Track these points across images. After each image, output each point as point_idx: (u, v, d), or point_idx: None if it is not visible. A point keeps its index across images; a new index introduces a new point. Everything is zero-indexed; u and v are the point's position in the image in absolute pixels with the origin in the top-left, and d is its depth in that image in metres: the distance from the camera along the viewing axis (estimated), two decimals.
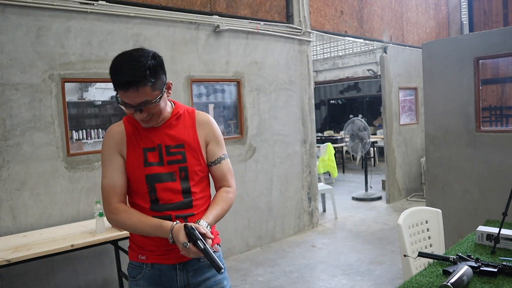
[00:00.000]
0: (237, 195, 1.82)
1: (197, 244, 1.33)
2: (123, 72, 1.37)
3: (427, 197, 4.07)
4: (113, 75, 1.41)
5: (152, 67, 1.38)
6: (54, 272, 3.31)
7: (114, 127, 1.55)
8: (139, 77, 1.36)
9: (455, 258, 1.76)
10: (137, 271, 1.54)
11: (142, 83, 1.37)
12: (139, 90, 1.37)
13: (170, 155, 1.51)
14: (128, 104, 1.40)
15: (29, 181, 3.20)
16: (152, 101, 1.41)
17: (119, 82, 1.38)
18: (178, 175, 1.51)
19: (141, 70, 1.36)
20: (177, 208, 1.50)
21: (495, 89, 5.16)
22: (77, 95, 5.98)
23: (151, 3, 3.88)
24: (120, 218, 1.46)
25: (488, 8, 8.08)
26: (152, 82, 1.39)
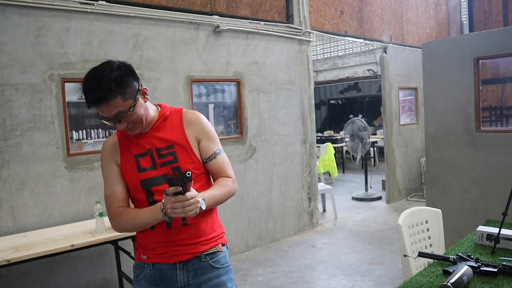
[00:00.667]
0: (237, 195, 1.82)
1: (173, 181, 1.29)
2: (90, 89, 1.39)
3: (427, 197, 4.07)
4: (84, 94, 1.43)
5: (118, 78, 1.39)
6: (54, 272, 3.31)
7: (109, 139, 1.60)
8: (105, 92, 1.37)
9: (455, 258, 1.76)
10: (139, 271, 1.56)
11: (110, 96, 1.38)
12: (110, 103, 1.39)
13: (161, 157, 1.52)
14: (105, 117, 1.44)
15: (29, 181, 3.20)
16: (126, 111, 1.42)
17: (88, 100, 1.41)
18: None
19: (105, 84, 1.37)
20: None
21: (495, 89, 5.16)
22: (77, 95, 5.98)
23: (151, 3, 3.88)
24: (120, 220, 1.50)
25: (488, 8, 8.08)
26: (120, 92, 1.40)
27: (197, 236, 1.52)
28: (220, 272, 1.55)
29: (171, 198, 1.30)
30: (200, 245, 1.53)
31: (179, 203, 1.29)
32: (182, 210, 1.29)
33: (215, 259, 1.55)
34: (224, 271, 1.57)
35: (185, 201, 1.29)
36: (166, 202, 1.33)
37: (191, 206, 1.30)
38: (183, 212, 1.29)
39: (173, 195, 1.29)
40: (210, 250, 1.55)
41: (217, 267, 1.55)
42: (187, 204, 1.29)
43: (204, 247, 1.53)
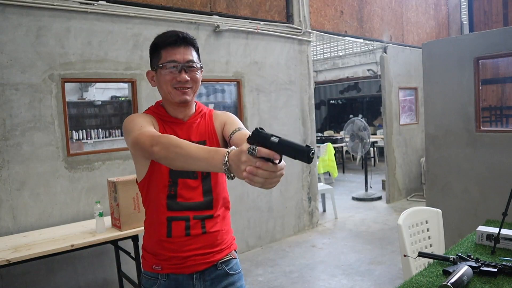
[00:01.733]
0: (237, 195, 1.82)
1: (270, 141, 0.95)
2: (174, 31, 1.46)
3: (427, 197, 4.07)
4: (161, 36, 1.47)
5: (196, 39, 1.51)
6: (54, 272, 3.31)
7: (143, 113, 1.49)
8: (189, 37, 1.47)
9: (455, 258, 1.76)
10: (151, 282, 1.47)
11: (191, 43, 1.47)
12: (188, 48, 1.45)
13: None
14: (176, 62, 1.42)
15: (29, 181, 3.20)
16: (197, 64, 1.46)
17: (170, 38, 1.44)
18: (200, 172, 1.45)
19: (189, 34, 1.48)
20: (197, 208, 1.45)
21: (495, 89, 5.16)
22: (77, 95, 5.95)
23: (151, 3, 3.88)
24: (168, 139, 1.22)
25: (488, 8, 8.08)
26: (196, 48, 1.49)
27: (214, 245, 1.48)
28: (234, 279, 1.53)
29: (254, 160, 0.96)
30: (216, 253, 1.49)
31: (265, 172, 0.96)
32: (264, 180, 0.97)
33: (230, 266, 1.53)
34: (238, 277, 1.56)
35: (274, 172, 0.97)
36: (243, 162, 0.99)
37: (275, 179, 0.99)
38: (263, 182, 0.98)
39: (261, 158, 0.96)
40: (225, 258, 1.52)
41: (232, 274, 1.53)
42: (273, 176, 0.97)
43: (220, 255, 1.50)
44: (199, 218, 1.45)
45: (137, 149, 1.35)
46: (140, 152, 1.36)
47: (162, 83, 1.45)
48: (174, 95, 1.44)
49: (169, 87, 1.44)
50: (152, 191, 1.46)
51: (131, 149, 1.41)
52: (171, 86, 1.43)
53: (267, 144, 0.95)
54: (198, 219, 1.44)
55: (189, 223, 1.43)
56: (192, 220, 1.44)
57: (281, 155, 0.94)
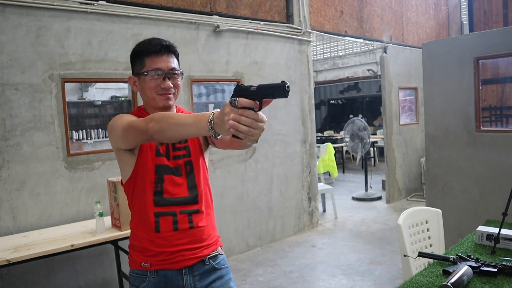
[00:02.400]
0: (237, 195, 1.83)
1: (250, 90, 1.03)
2: (157, 40, 1.52)
3: (427, 197, 4.07)
4: (145, 44, 1.51)
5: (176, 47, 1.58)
6: (54, 272, 3.31)
7: (128, 114, 1.54)
8: (171, 44, 1.53)
9: (455, 258, 1.76)
10: (140, 280, 1.49)
11: (173, 51, 1.54)
12: (171, 56, 1.52)
13: (175, 150, 1.52)
14: (160, 70, 1.48)
15: (29, 181, 3.20)
16: (178, 71, 1.53)
17: (154, 47, 1.49)
18: (183, 170, 1.52)
19: (171, 42, 1.55)
20: (182, 202, 1.49)
21: (495, 89, 5.16)
22: (77, 95, 5.96)
23: (151, 3, 3.88)
24: (160, 116, 1.28)
25: (488, 8, 8.08)
26: (177, 55, 1.57)
27: (201, 240, 1.52)
28: (222, 273, 1.57)
29: (237, 110, 1.02)
30: (204, 249, 1.53)
31: (247, 119, 1.00)
32: (247, 129, 1.01)
33: (217, 261, 1.57)
34: (226, 271, 1.59)
35: (256, 120, 1.01)
36: (226, 113, 1.04)
37: (257, 130, 1.02)
38: (247, 131, 1.01)
39: (243, 109, 1.01)
40: (212, 253, 1.56)
41: (220, 268, 1.57)
42: (255, 126, 1.01)
43: (207, 251, 1.54)
44: (186, 212, 1.50)
45: (130, 133, 1.37)
46: (132, 136, 1.37)
47: (146, 89, 1.51)
48: (158, 101, 1.51)
49: (153, 93, 1.50)
50: (138, 189, 1.50)
51: (121, 138, 1.42)
52: (155, 93, 1.50)
53: (247, 94, 1.02)
54: (185, 213, 1.49)
55: (177, 217, 1.48)
56: (179, 215, 1.48)
57: (261, 100, 1.02)
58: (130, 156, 1.49)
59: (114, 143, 1.49)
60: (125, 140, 1.42)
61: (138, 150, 1.49)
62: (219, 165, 4.42)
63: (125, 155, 1.50)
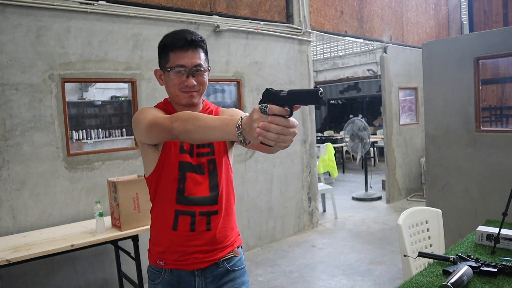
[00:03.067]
0: (237, 195, 1.80)
1: (280, 95, 0.97)
2: (184, 33, 1.44)
3: (427, 197, 4.07)
4: (171, 38, 1.45)
5: (204, 40, 1.50)
6: (54, 272, 3.31)
7: (153, 107, 1.51)
8: (198, 38, 1.46)
9: (455, 258, 1.76)
10: (155, 275, 1.52)
11: (200, 45, 1.46)
12: (197, 51, 1.45)
13: (199, 147, 1.49)
14: (184, 66, 1.43)
15: (29, 181, 3.20)
16: (204, 67, 1.47)
17: (179, 41, 1.43)
18: (206, 168, 1.49)
19: (198, 35, 1.47)
20: (202, 203, 1.47)
21: (495, 89, 5.16)
22: (77, 95, 5.96)
23: (151, 3, 3.88)
24: (185, 116, 1.24)
25: (488, 8, 8.08)
26: (205, 50, 1.48)
27: (217, 242, 1.50)
28: (236, 275, 1.55)
29: (267, 117, 0.96)
30: (218, 251, 1.51)
31: (277, 127, 0.94)
32: (277, 137, 0.95)
33: (231, 263, 1.55)
34: (240, 273, 1.57)
35: (286, 127, 0.95)
36: (255, 120, 0.98)
37: (288, 136, 0.96)
38: (276, 139, 0.95)
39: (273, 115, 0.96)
40: (227, 256, 1.54)
41: (233, 270, 1.55)
42: (286, 132, 0.95)
43: (221, 253, 1.52)
44: (205, 214, 1.47)
45: (155, 131, 1.34)
46: (156, 134, 1.35)
47: (170, 85, 1.47)
48: (181, 98, 1.47)
49: (177, 90, 1.46)
50: (162, 184, 1.48)
51: (145, 134, 1.39)
52: (179, 89, 1.46)
53: (277, 99, 0.97)
54: (203, 215, 1.47)
55: (195, 219, 1.46)
56: (198, 216, 1.46)
57: (292, 106, 0.96)
58: (153, 152, 1.47)
59: (139, 137, 1.46)
60: (150, 136, 1.39)
61: (163, 146, 1.47)
62: None
63: (149, 149, 1.47)
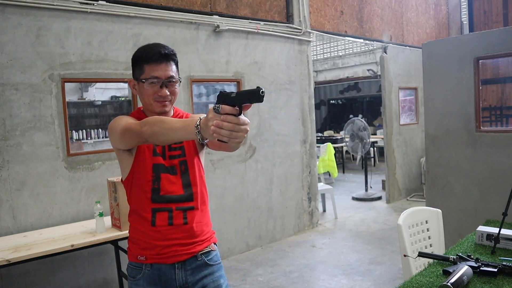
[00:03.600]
0: (237, 195, 1.84)
1: (230, 97, 1.10)
2: (157, 47, 1.55)
3: (427, 197, 4.07)
4: (145, 51, 1.55)
5: (175, 53, 1.61)
6: (54, 272, 3.31)
7: (127, 115, 1.61)
8: (171, 52, 1.57)
9: (455, 258, 1.76)
10: (136, 271, 1.58)
11: (172, 58, 1.57)
12: (170, 64, 1.56)
13: (171, 150, 1.59)
14: (158, 78, 1.53)
15: (29, 181, 3.20)
16: (176, 78, 1.58)
17: (154, 55, 1.53)
18: (178, 169, 1.59)
19: (170, 49, 1.58)
20: (178, 200, 1.57)
21: (495, 89, 5.16)
22: (77, 95, 5.96)
23: (151, 3, 3.88)
24: (152, 120, 1.37)
25: (488, 8, 8.08)
26: (176, 63, 1.60)
27: (195, 236, 1.59)
28: (214, 269, 1.64)
29: (219, 116, 1.09)
30: (197, 245, 1.59)
31: (228, 124, 1.07)
32: (229, 133, 1.07)
33: (209, 257, 1.63)
34: (218, 268, 1.66)
35: (237, 124, 1.08)
36: (209, 119, 1.11)
37: (240, 132, 1.08)
38: (229, 135, 1.08)
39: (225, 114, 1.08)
40: (205, 249, 1.62)
41: (211, 264, 1.63)
42: (237, 129, 1.07)
43: (200, 247, 1.60)
44: (181, 209, 1.57)
45: (127, 136, 1.46)
46: (129, 138, 1.46)
47: (144, 95, 1.57)
48: (155, 107, 1.58)
49: (151, 100, 1.56)
50: (136, 186, 1.58)
51: (119, 139, 1.50)
52: (153, 99, 1.56)
53: (228, 100, 1.10)
54: (180, 210, 1.56)
55: (172, 213, 1.55)
56: (175, 211, 1.56)
57: (241, 105, 1.09)
58: (128, 156, 1.57)
59: (113, 143, 1.57)
60: (123, 141, 1.50)
61: (136, 150, 1.57)
62: (219, 165, 4.42)
63: (123, 154, 1.58)
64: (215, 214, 4.31)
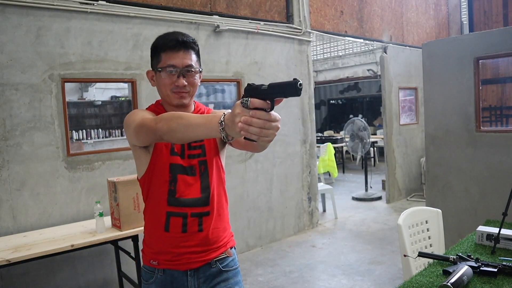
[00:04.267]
0: (237, 195, 1.82)
1: (261, 89, 0.96)
2: (175, 34, 1.47)
3: (427, 197, 4.07)
4: (162, 39, 1.48)
5: (196, 42, 1.52)
6: (54, 272, 3.31)
7: (144, 109, 1.52)
8: (190, 39, 1.48)
9: (455, 258, 1.76)
10: (149, 275, 1.53)
11: (191, 46, 1.48)
12: (188, 52, 1.46)
13: (191, 148, 1.50)
14: (175, 66, 1.44)
15: (29, 181, 3.20)
16: (195, 68, 1.48)
17: (170, 42, 1.45)
18: (197, 169, 1.49)
19: (190, 37, 1.49)
20: (194, 204, 1.47)
21: (495, 89, 5.17)
22: (77, 95, 5.97)
23: (151, 3, 3.88)
24: (169, 116, 1.25)
25: (488, 8, 8.08)
26: (196, 51, 1.50)
27: (210, 243, 1.51)
28: (229, 275, 1.56)
29: (248, 111, 0.95)
30: (211, 252, 1.52)
31: (259, 121, 0.94)
32: (259, 130, 0.95)
33: (224, 263, 1.56)
34: (233, 273, 1.58)
35: (268, 120, 0.95)
36: (237, 114, 0.98)
37: (271, 130, 0.96)
38: (259, 133, 0.95)
39: (254, 109, 0.95)
40: (220, 256, 1.54)
41: (226, 271, 1.56)
42: (268, 126, 0.95)
43: (214, 253, 1.53)
44: (197, 215, 1.48)
45: (142, 132, 1.35)
46: (143, 135, 1.35)
47: (161, 85, 1.48)
48: (172, 98, 1.48)
49: (168, 91, 1.47)
50: (153, 186, 1.49)
51: (134, 136, 1.40)
52: (170, 90, 1.47)
53: (259, 93, 0.97)
54: (195, 216, 1.48)
55: (187, 220, 1.47)
56: (190, 218, 1.47)
57: (273, 100, 0.96)
58: (145, 154, 1.48)
59: (129, 139, 1.47)
60: (138, 138, 1.40)
61: (153, 148, 1.47)
62: None
63: (140, 151, 1.48)
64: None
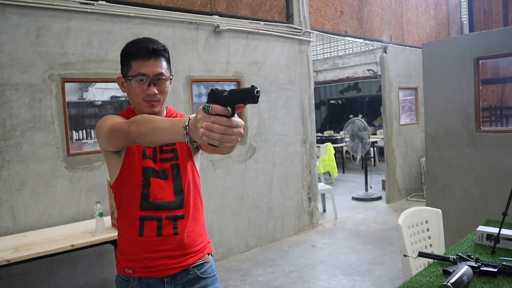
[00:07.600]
0: (237, 195, 1.81)
1: (222, 95, 0.96)
2: (145, 42, 1.45)
3: (427, 197, 4.07)
4: (133, 46, 1.45)
5: (167, 49, 1.50)
6: (54, 272, 3.31)
7: (116, 115, 1.51)
8: (160, 47, 1.46)
9: (455, 258, 1.76)
10: (124, 285, 1.49)
11: (161, 54, 1.46)
12: (159, 60, 1.45)
13: (162, 152, 1.49)
14: (145, 75, 1.43)
15: (29, 181, 3.20)
16: (166, 76, 1.47)
17: (141, 50, 1.43)
18: (170, 173, 1.48)
19: (160, 44, 1.47)
20: (168, 207, 1.46)
21: (495, 89, 5.17)
22: (77, 95, 5.99)
23: (151, 3, 3.88)
24: (139, 119, 1.27)
25: (488, 8, 8.08)
26: (167, 59, 1.49)
27: (186, 247, 1.48)
28: (207, 282, 1.53)
29: (210, 117, 0.95)
30: (188, 257, 1.49)
31: (220, 127, 0.93)
32: (221, 136, 0.94)
33: (202, 270, 1.53)
34: (211, 281, 1.55)
35: (229, 126, 0.94)
36: (198, 119, 0.98)
37: (233, 136, 0.95)
38: (220, 139, 0.94)
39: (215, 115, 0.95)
40: (197, 262, 1.51)
41: (205, 277, 1.53)
42: (229, 132, 0.94)
43: (192, 259, 1.50)
44: (171, 218, 1.46)
45: (115, 136, 1.35)
46: (116, 139, 1.36)
47: (132, 94, 1.47)
48: (143, 107, 1.47)
49: (139, 99, 1.46)
50: (125, 191, 1.48)
51: (107, 140, 1.40)
52: (141, 99, 1.46)
53: (220, 99, 0.97)
54: (170, 219, 1.46)
55: (161, 223, 1.44)
56: (164, 220, 1.45)
57: (234, 106, 0.96)
58: (116, 158, 1.47)
59: (101, 144, 1.46)
60: (110, 142, 1.39)
61: (125, 153, 1.46)
62: (219, 165, 4.42)
63: (112, 156, 1.48)
64: (215, 214, 4.32)
